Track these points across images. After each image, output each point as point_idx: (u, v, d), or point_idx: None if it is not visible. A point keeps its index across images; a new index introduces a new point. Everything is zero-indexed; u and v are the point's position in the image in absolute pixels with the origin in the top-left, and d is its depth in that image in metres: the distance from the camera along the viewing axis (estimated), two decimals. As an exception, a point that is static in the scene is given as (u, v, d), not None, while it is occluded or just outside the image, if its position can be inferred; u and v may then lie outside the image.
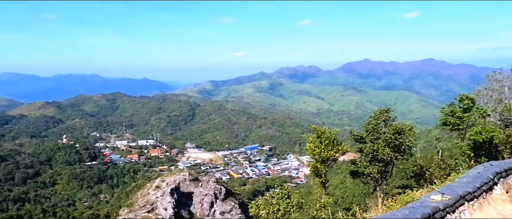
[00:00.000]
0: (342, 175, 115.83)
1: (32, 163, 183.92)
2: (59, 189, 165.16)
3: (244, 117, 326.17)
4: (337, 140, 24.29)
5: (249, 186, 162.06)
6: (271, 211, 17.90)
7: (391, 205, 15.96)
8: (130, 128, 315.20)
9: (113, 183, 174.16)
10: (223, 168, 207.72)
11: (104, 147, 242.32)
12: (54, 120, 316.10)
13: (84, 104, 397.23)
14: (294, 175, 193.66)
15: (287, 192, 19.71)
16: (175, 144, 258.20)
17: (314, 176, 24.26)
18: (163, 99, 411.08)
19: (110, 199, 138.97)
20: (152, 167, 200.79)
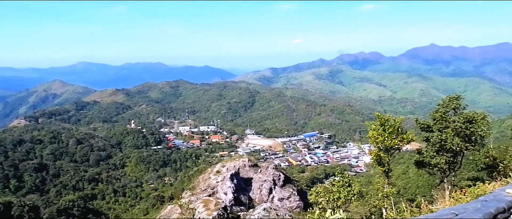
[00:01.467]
0: (405, 165, 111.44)
1: (104, 146, 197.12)
2: (128, 171, 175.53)
3: (303, 104, 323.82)
4: (402, 128, 23.27)
5: (308, 173, 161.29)
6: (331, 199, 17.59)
7: (459, 197, 15.05)
8: (192, 114, 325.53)
9: (177, 167, 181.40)
10: (282, 154, 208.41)
11: (168, 132, 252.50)
12: (123, 106, 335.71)
13: (150, 91, 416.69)
14: (353, 163, 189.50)
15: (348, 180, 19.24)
16: (235, 130, 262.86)
17: (376, 165, 23.49)
18: (223, 87, 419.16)
19: (174, 182, 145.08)
20: (213, 152, 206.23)
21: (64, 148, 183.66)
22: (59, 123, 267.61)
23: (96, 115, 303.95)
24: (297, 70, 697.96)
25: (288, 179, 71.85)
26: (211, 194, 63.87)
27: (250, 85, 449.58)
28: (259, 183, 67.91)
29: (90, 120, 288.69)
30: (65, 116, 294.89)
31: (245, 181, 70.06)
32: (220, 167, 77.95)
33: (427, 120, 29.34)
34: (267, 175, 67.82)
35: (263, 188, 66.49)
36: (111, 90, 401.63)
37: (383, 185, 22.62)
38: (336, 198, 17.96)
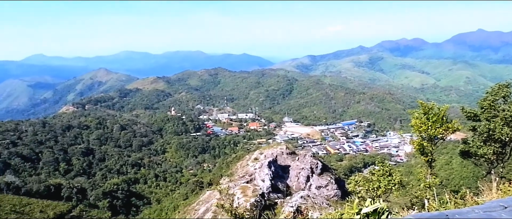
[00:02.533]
0: (448, 156, 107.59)
1: (146, 132, 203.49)
2: (168, 156, 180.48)
3: (342, 92, 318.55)
4: (446, 117, 22.31)
5: (346, 162, 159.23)
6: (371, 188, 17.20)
7: (508, 189, 14.29)
8: (231, 102, 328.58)
9: (215, 153, 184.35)
10: (320, 142, 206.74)
11: (207, 119, 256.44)
12: (164, 94, 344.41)
13: (189, 79, 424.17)
14: (393, 153, 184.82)
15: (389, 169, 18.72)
16: (273, 117, 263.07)
17: (418, 155, 22.71)
18: (261, 74, 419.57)
19: (212, 168, 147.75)
20: (251, 139, 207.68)
21: (109, 134, 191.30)
22: (104, 110, 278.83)
23: (138, 102, 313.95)
24: (336, 57, 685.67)
25: (325, 167, 71.21)
26: (249, 181, 64.47)
27: (288, 73, 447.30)
28: (296, 171, 67.76)
29: (133, 106, 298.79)
30: (110, 102, 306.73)
31: (283, 169, 70.13)
32: (258, 154, 78.40)
33: (473, 108, 28.01)
34: (304, 162, 67.50)
35: (300, 176, 66.30)
36: (153, 78, 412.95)
37: (425, 175, 21.89)
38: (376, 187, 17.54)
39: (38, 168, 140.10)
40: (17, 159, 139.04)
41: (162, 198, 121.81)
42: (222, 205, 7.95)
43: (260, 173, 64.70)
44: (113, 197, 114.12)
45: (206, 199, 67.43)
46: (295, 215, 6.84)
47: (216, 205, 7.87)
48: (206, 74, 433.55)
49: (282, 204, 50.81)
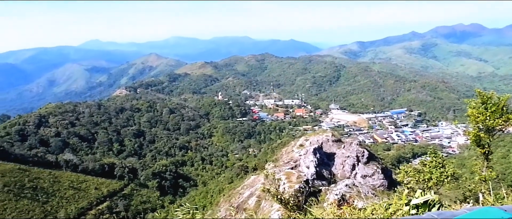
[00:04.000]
0: (505, 149, 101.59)
1: (193, 116, 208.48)
2: (214, 140, 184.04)
3: (391, 79, 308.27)
4: (507, 107, 20.84)
5: (394, 151, 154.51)
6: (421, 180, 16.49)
7: None
8: (277, 88, 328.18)
9: (261, 138, 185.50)
10: (366, 131, 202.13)
11: (253, 105, 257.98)
12: (212, 78, 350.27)
13: (236, 64, 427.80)
14: (445, 144, 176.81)
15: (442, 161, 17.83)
16: (319, 104, 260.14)
17: (474, 146, 21.47)
18: (308, 60, 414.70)
19: (258, 153, 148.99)
20: (296, 126, 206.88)
21: (159, 117, 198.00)
22: (155, 93, 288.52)
23: (186, 86, 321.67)
24: (386, 44, 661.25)
25: (372, 156, 69.54)
26: (294, 167, 64.39)
27: (335, 60, 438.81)
28: (342, 159, 66.76)
29: (181, 91, 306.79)
30: (160, 86, 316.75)
31: (328, 156, 69.33)
32: (303, 141, 77.96)
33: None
34: (350, 151, 66.30)
35: (346, 164, 65.28)
36: (201, 63, 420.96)
37: (481, 168, 20.71)
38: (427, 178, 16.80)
39: (93, 147, 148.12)
40: (75, 138, 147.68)
41: (208, 180, 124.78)
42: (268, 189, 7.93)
43: (305, 160, 64.40)
44: (161, 177, 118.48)
45: (250, 184, 68.29)
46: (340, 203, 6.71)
47: (262, 190, 7.86)
48: (253, 59, 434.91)
49: (326, 192, 50.36)
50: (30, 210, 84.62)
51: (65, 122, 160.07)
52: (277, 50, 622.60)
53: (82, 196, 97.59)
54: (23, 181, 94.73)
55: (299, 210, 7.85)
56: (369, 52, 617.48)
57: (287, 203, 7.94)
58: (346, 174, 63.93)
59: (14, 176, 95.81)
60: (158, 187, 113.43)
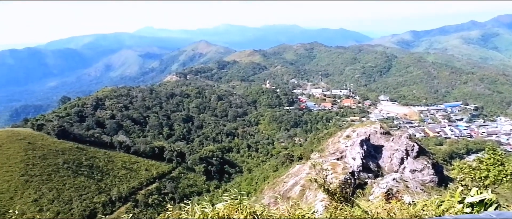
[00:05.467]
0: None
1: (241, 103, 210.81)
2: (261, 128, 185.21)
3: (446, 71, 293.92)
4: None
5: (446, 147, 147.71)
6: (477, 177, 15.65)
7: None
8: (325, 77, 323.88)
9: (307, 128, 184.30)
10: (417, 124, 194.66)
11: (300, 94, 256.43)
12: (260, 66, 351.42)
13: (285, 53, 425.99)
14: (503, 140, 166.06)
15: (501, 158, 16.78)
16: (368, 95, 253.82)
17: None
18: (358, 50, 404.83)
19: (303, 143, 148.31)
20: (344, 116, 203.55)
21: (207, 103, 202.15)
22: (204, 80, 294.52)
23: (235, 73, 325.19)
24: (442, 33, 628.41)
25: (422, 151, 67.15)
26: (339, 158, 63.64)
27: (387, 49, 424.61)
28: (390, 152, 65.03)
29: (230, 78, 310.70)
30: (209, 73, 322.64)
31: (375, 148, 67.79)
32: (350, 132, 76.70)
33: None
34: (399, 144, 64.40)
35: (394, 157, 63.54)
36: (249, 51, 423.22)
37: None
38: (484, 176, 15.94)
39: (145, 130, 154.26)
40: (128, 121, 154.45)
41: (253, 168, 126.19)
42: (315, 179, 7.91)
43: (351, 151, 63.42)
44: (208, 162, 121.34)
45: (295, 173, 68.34)
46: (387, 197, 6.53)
47: (309, 179, 7.86)
48: (302, 48, 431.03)
49: (372, 184, 49.43)
50: (86, 187, 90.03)
51: (119, 105, 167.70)
52: (326, 39, 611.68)
53: (134, 176, 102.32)
54: (81, 159, 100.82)
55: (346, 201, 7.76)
56: (424, 42, 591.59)
57: (334, 194, 7.87)
58: (393, 167, 62.27)
59: (73, 154, 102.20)
60: (204, 171, 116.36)
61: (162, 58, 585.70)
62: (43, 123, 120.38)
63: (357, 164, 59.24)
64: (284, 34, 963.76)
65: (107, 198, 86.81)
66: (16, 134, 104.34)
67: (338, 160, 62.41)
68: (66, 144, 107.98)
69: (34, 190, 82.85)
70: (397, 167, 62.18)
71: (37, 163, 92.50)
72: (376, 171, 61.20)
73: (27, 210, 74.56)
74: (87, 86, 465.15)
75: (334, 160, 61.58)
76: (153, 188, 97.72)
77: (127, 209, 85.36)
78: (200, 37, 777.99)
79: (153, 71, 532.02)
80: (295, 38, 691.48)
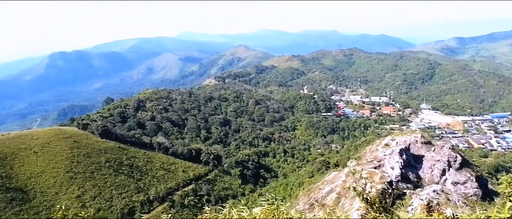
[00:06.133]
0: None
1: (278, 108, 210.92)
2: (297, 133, 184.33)
3: (494, 80, 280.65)
4: None
5: (492, 159, 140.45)
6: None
7: None
8: (364, 84, 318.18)
9: (344, 135, 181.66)
10: (461, 134, 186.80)
11: (338, 100, 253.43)
12: (298, 72, 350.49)
13: (323, 59, 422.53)
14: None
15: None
16: (409, 103, 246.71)
17: None
18: (400, 57, 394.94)
19: (340, 150, 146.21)
20: (382, 124, 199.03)
21: (245, 107, 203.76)
22: (242, 84, 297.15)
23: (273, 78, 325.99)
24: (490, 40, 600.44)
25: (466, 162, 64.44)
26: (377, 167, 62.25)
27: (430, 56, 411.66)
28: (430, 162, 62.90)
29: (268, 83, 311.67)
30: (247, 78, 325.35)
31: (415, 158, 65.80)
32: (389, 140, 74.83)
33: None
34: (441, 154, 62.16)
35: (435, 168, 61.39)
36: (288, 56, 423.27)
37: None
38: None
39: (183, 132, 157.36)
40: (167, 123, 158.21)
41: (289, 173, 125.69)
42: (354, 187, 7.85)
43: (390, 160, 61.92)
44: (244, 166, 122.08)
45: (331, 180, 67.46)
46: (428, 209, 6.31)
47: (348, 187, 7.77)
48: (341, 54, 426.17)
49: (411, 196, 47.96)
50: (126, 185, 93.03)
51: (159, 107, 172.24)
52: (366, 45, 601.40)
53: (171, 177, 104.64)
54: (122, 159, 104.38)
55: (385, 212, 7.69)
56: (469, 49, 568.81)
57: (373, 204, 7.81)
58: (434, 179, 60.19)
59: (115, 154, 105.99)
60: (240, 175, 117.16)
61: (201, 62, 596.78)
62: (88, 123, 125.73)
63: (396, 174, 57.74)
64: (322, 40, 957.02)
65: (145, 197, 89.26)
66: (63, 132, 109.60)
67: (376, 168, 61.06)
68: (108, 143, 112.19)
69: (78, 187, 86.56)
70: (438, 178, 60.04)
71: (81, 160, 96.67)
72: (416, 182, 59.37)
73: (70, 206, 78.02)
74: (130, 88, 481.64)
75: (372, 169, 60.32)
76: (189, 190, 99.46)
77: (164, 209, 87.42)
78: (239, 41, 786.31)
79: (192, 75, 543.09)
80: (334, 44, 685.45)
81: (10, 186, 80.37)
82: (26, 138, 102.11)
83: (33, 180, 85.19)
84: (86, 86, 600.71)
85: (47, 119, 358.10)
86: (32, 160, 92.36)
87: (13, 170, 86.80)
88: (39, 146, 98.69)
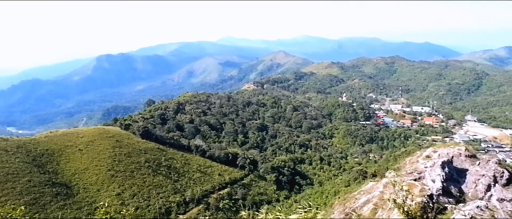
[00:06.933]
0: None
1: (316, 115, 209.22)
2: (335, 141, 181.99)
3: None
4: None
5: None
6: None
7: None
8: (406, 93, 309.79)
9: (383, 144, 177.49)
10: (509, 149, 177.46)
11: (378, 109, 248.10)
12: (337, 79, 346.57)
13: (363, 66, 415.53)
14: None
15: None
16: (453, 114, 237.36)
17: None
18: (444, 66, 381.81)
19: (378, 160, 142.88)
20: (424, 135, 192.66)
21: (282, 113, 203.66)
22: (280, 90, 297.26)
23: (311, 85, 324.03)
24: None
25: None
26: (417, 179, 60.47)
27: (477, 66, 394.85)
28: (475, 177, 60.31)
29: (306, 89, 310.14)
30: (285, 84, 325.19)
31: (458, 172, 63.33)
32: (431, 152, 72.46)
33: None
34: (486, 169, 59.48)
35: (479, 183, 58.81)
36: (327, 63, 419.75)
37: None
38: None
39: (220, 136, 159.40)
40: (206, 126, 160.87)
41: (324, 181, 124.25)
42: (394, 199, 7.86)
43: (431, 172, 59.96)
44: (279, 172, 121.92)
45: (368, 190, 66.16)
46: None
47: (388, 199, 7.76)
48: (382, 62, 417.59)
49: (452, 210, 46.32)
50: (163, 186, 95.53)
51: (198, 110, 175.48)
52: (409, 53, 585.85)
53: (207, 179, 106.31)
54: (160, 160, 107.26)
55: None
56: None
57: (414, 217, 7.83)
58: (478, 194, 57.65)
59: (154, 154, 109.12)
60: (275, 181, 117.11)
61: (241, 67, 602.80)
62: (130, 123, 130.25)
63: (437, 187, 55.84)
64: (363, 47, 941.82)
65: (181, 198, 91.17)
66: (107, 132, 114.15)
67: (416, 180, 59.31)
68: (148, 144, 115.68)
69: (118, 185, 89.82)
70: (482, 194, 57.47)
71: (122, 159, 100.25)
72: (458, 197, 57.14)
73: (110, 203, 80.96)
74: (170, 91, 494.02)
75: (411, 181, 58.64)
76: (224, 193, 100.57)
77: (199, 211, 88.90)
78: (278, 47, 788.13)
79: (231, 79, 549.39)
80: (375, 51, 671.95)
81: (56, 181, 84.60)
82: (72, 136, 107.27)
83: (77, 176, 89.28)
84: (129, 88, 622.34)
85: (92, 118, 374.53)
86: (77, 157, 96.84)
87: (59, 166, 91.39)
88: (84, 144, 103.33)
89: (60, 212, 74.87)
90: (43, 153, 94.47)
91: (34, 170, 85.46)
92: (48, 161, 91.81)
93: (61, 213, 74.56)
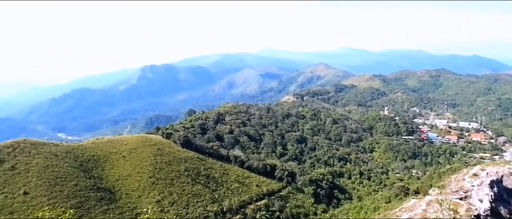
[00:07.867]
0: None
1: (356, 129, 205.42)
2: (375, 156, 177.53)
3: None
4: None
5: None
6: None
7: None
8: (452, 108, 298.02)
9: (427, 160, 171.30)
10: None
11: (422, 124, 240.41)
12: (379, 92, 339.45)
13: (407, 79, 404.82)
14: None
15: None
16: (504, 131, 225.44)
17: None
18: (494, 80, 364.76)
19: (421, 176, 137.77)
20: (471, 152, 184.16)
21: (322, 126, 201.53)
22: (320, 102, 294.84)
23: (352, 98, 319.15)
24: None
25: None
26: (463, 198, 57.82)
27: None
28: (527, 198, 56.96)
29: (346, 102, 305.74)
30: (325, 96, 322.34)
31: (509, 192, 60.04)
32: (478, 170, 69.20)
33: None
34: (540, 190, 56.06)
35: (532, 205, 55.48)
36: (369, 75, 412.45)
37: None
38: None
39: (259, 147, 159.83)
40: (245, 137, 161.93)
41: (364, 196, 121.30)
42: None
43: (478, 192, 57.18)
44: (318, 185, 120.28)
45: (410, 207, 63.94)
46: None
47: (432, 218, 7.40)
48: (427, 75, 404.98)
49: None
50: (201, 194, 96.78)
51: (238, 121, 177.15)
52: (456, 67, 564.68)
53: (245, 190, 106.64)
54: (199, 169, 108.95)
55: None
56: None
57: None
58: (531, 216, 54.28)
59: (193, 164, 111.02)
60: (313, 194, 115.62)
61: (281, 79, 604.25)
62: (171, 132, 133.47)
63: (485, 207, 53.13)
64: (407, 60, 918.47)
65: (219, 208, 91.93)
66: (149, 140, 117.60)
67: (461, 199, 56.74)
68: (188, 153, 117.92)
69: (158, 192, 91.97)
70: (535, 216, 54.11)
71: (163, 167, 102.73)
72: (508, 218, 54.09)
73: (151, 210, 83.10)
74: (211, 101, 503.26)
75: (457, 199, 56.16)
76: (262, 204, 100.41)
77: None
78: (319, 59, 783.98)
79: (271, 91, 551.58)
80: (419, 64, 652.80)
81: (101, 186, 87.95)
82: (117, 143, 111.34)
83: (120, 182, 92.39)
84: (171, 98, 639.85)
85: (136, 126, 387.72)
86: (121, 163, 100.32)
87: (104, 172, 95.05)
88: (127, 151, 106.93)
89: (103, 216, 77.67)
90: (89, 158, 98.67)
91: (81, 174, 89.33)
92: (94, 166, 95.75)
93: (105, 217, 77.34)
